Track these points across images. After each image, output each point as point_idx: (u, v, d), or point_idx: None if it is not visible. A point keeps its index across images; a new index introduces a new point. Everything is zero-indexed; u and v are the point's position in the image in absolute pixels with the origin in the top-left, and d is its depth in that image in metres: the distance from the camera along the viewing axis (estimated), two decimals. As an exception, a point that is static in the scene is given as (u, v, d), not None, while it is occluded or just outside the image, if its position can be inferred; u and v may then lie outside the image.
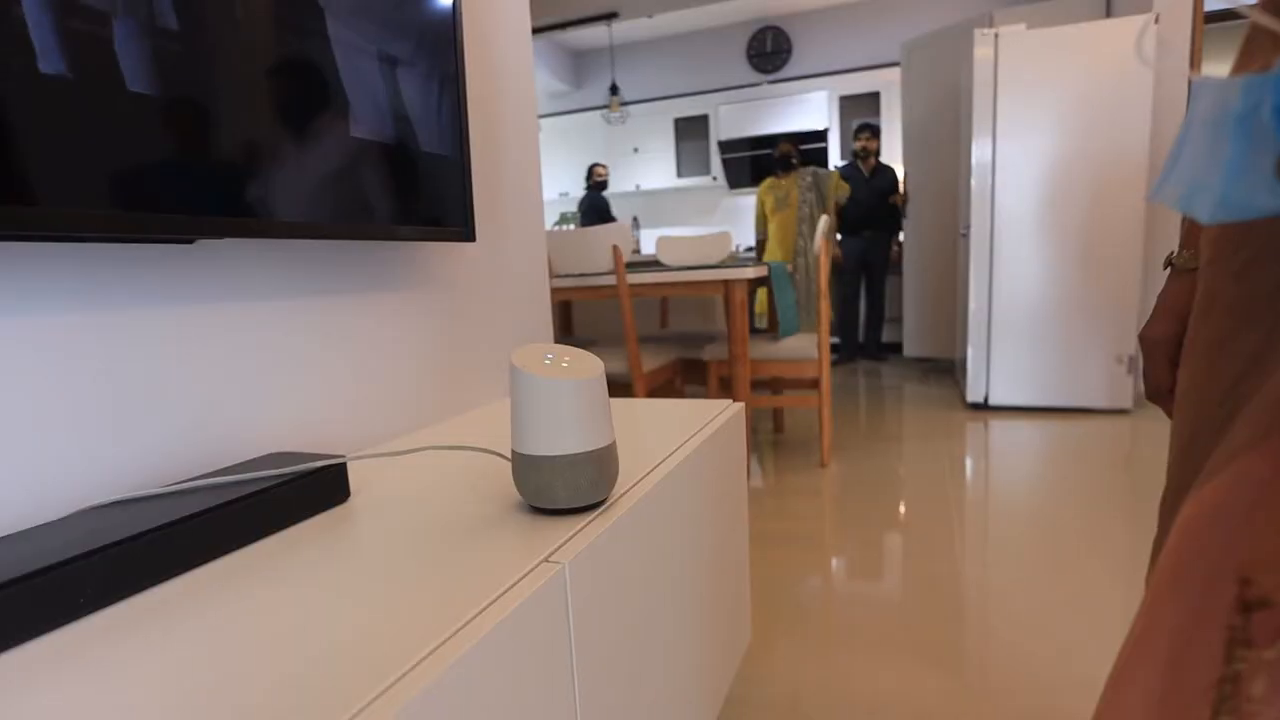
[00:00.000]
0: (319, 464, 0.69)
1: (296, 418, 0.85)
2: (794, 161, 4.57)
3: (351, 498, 0.73)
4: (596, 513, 0.65)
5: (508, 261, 1.29)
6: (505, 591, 0.50)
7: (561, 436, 0.61)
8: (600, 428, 0.63)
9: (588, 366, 0.64)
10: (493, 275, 1.24)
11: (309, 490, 0.68)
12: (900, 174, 4.93)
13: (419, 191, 0.89)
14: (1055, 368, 3.39)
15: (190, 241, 0.71)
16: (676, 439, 0.89)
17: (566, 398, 0.61)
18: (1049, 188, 3.28)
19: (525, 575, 0.53)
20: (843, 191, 4.55)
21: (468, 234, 0.98)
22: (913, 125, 4.61)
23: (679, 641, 0.79)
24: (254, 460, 0.73)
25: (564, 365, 0.63)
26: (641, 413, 1.06)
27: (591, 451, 0.62)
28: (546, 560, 0.55)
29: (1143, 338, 0.68)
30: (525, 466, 0.63)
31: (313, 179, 0.75)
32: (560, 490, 0.62)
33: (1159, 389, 0.67)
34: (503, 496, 0.71)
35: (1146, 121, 3.11)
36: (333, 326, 0.89)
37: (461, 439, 0.94)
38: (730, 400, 1.10)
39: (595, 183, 5.87)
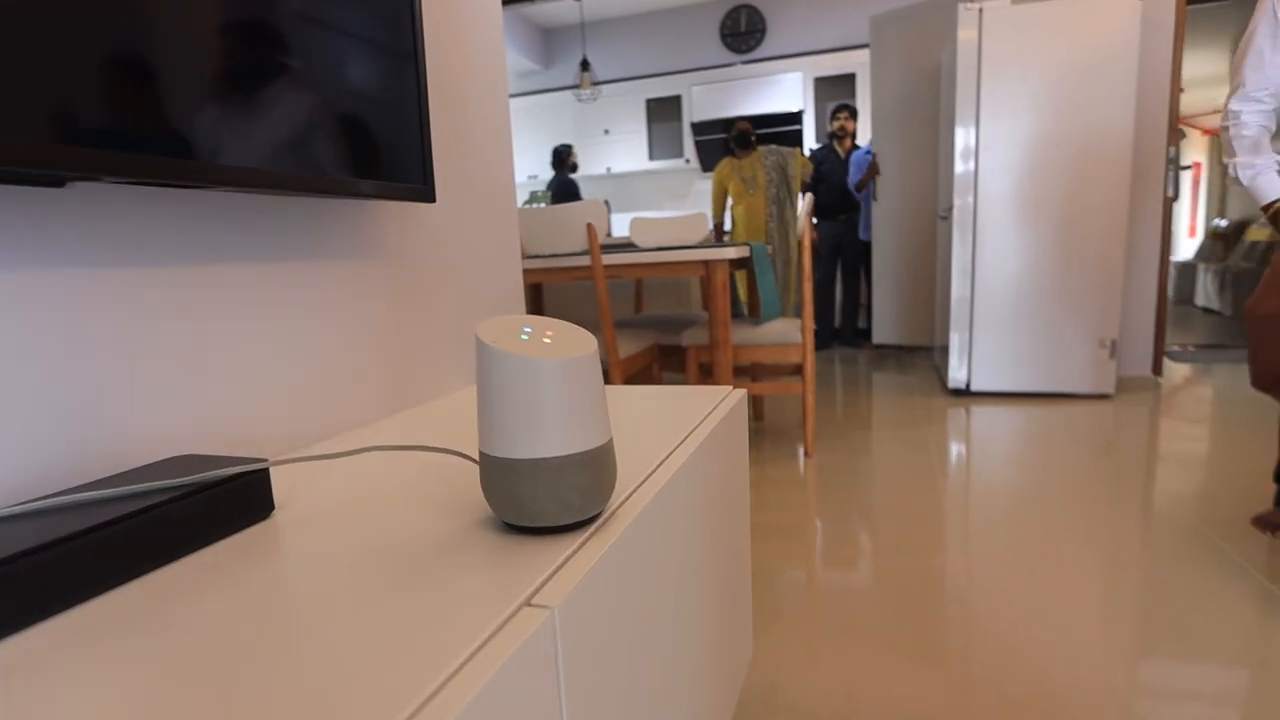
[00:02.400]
0: (232, 470, 0.54)
1: (211, 411, 0.69)
2: (753, 140, 4.45)
3: (276, 513, 0.58)
4: (591, 531, 0.51)
5: (476, 230, 1.13)
6: (473, 655, 0.36)
7: (545, 434, 0.47)
8: (594, 421, 0.49)
9: (576, 342, 0.50)
10: (458, 244, 1.09)
11: (218, 505, 0.53)
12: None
13: (369, 140, 0.74)
14: (1037, 353, 3.32)
15: (60, 184, 0.55)
16: (676, 434, 0.75)
17: (550, 383, 0.46)
18: (1033, 169, 3.20)
19: (500, 628, 0.38)
20: (807, 170, 4.43)
21: (427, 193, 0.83)
22: (882, 103, 4.49)
23: (685, 672, 0.65)
24: (150, 467, 0.57)
25: (545, 341, 0.49)
26: (630, 402, 0.92)
27: (585, 453, 0.48)
28: (529, 604, 0.41)
29: (1250, 313, 0.56)
30: (498, 473, 0.49)
31: (231, 112, 0.60)
32: (544, 504, 0.48)
33: (1272, 373, 0.55)
34: (469, 509, 0.57)
35: (1131, 101, 3.05)
36: (259, 299, 0.74)
37: (418, 436, 0.79)
38: (730, 387, 0.96)
39: (571, 164, 5.65)
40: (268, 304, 0.75)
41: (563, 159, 5.56)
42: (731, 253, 2.26)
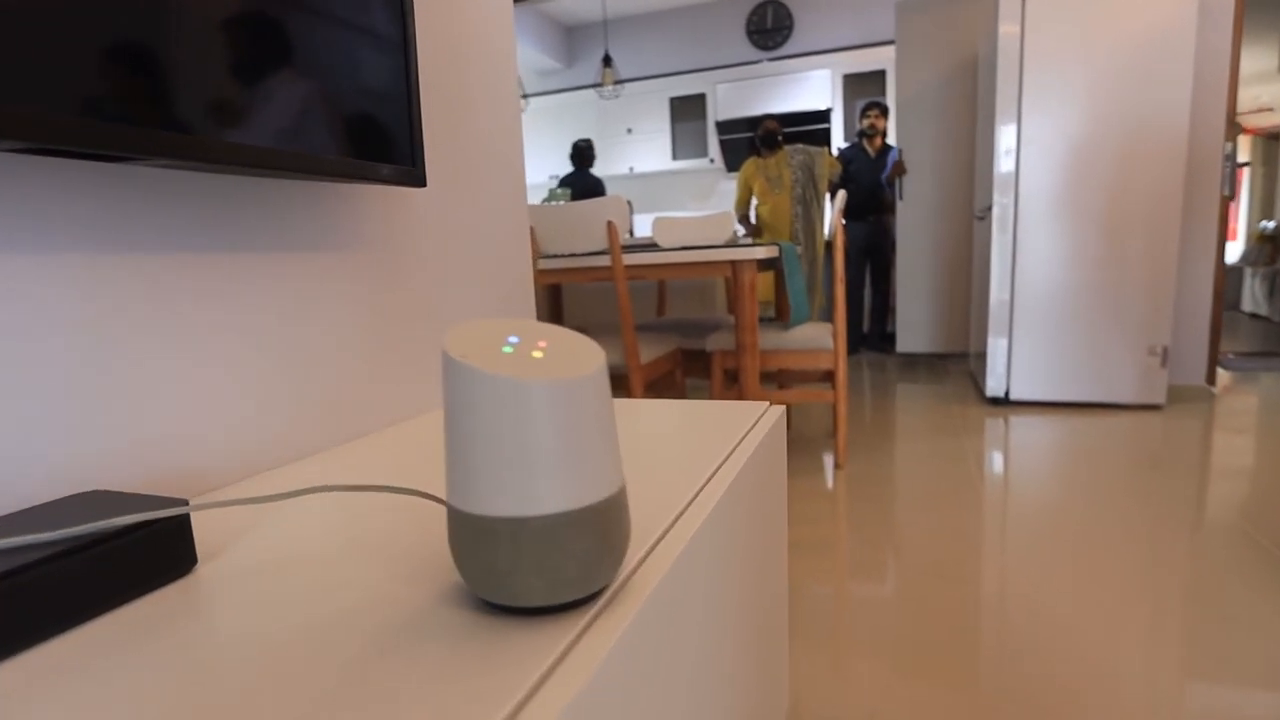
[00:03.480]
0: (138, 518, 0.42)
1: (136, 434, 0.57)
2: (780, 139, 4.31)
3: (199, 568, 0.46)
4: (595, 610, 0.38)
5: (478, 221, 1.01)
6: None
7: (533, 484, 0.34)
8: (602, 465, 0.36)
9: (577, 355, 0.37)
10: (455, 237, 0.97)
11: (123, 559, 0.41)
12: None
13: (345, 113, 0.62)
14: (1082, 360, 3.14)
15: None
16: (703, 465, 0.62)
17: (541, 414, 0.34)
18: (1078, 166, 3.02)
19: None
20: (835, 171, 4.27)
21: (415, 176, 0.71)
22: (910, 98, 4.29)
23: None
24: (45, 508, 0.46)
25: (536, 355, 0.36)
26: (648, 421, 0.79)
27: (587, 509, 0.36)
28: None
29: None
30: (469, 535, 0.36)
31: (175, 71, 0.48)
32: (531, 578, 0.36)
33: None
34: (438, 572, 0.44)
35: (1186, 94, 2.86)
36: (198, 298, 0.62)
37: (392, 463, 0.67)
38: (766, 403, 0.83)
39: (592, 159, 5.36)
40: (213, 304, 0.63)
41: (584, 155, 5.19)
42: (760, 253, 2.12)
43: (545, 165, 6.53)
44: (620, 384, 2.71)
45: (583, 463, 0.35)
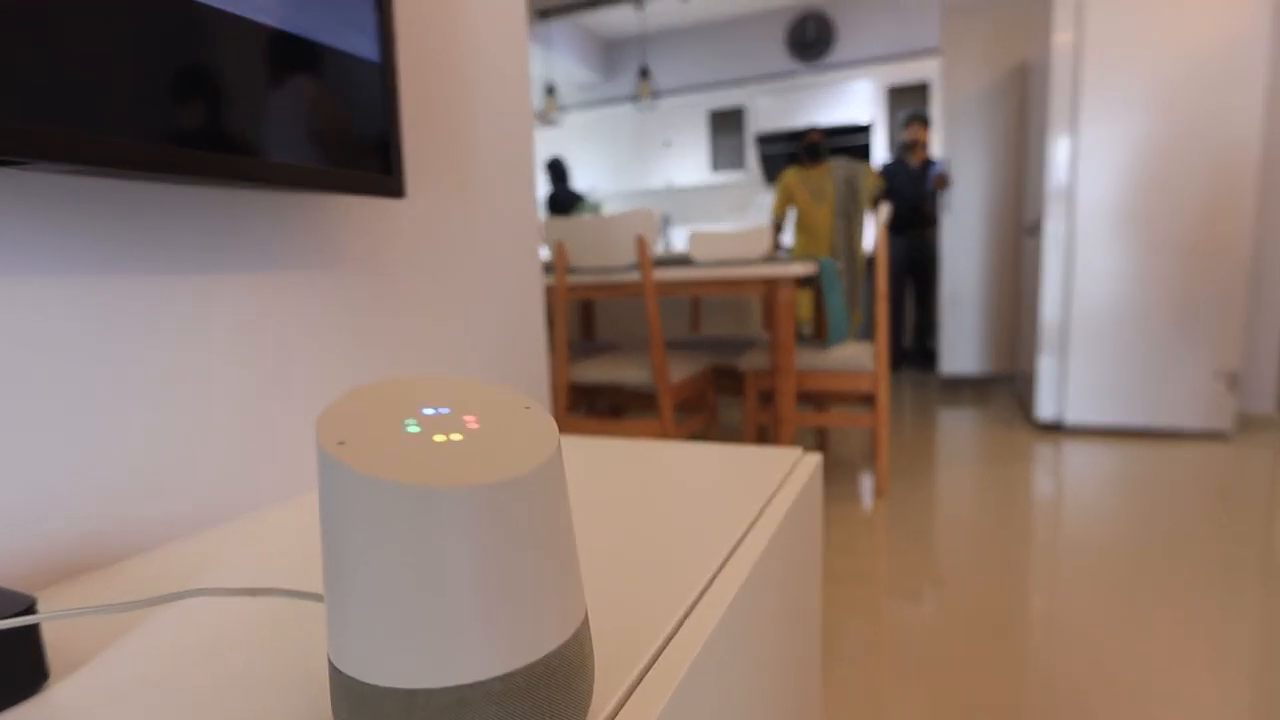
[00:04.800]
0: None
1: (9, 497, 0.50)
2: (824, 151, 4.19)
3: (49, 687, 0.37)
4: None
5: (477, 238, 0.94)
6: None
7: (438, 641, 0.24)
8: (549, 604, 0.26)
9: (520, 439, 0.27)
10: (450, 255, 0.89)
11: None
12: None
13: (304, 111, 0.55)
14: (1142, 384, 2.96)
15: None
16: (724, 535, 0.53)
17: (453, 536, 0.23)
18: (1139, 179, 2.86)
19: None
20: (878, 187, 4.14)
21: (390, 185, 0.63)
22: (955, 107, 4.13)
23: None
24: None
25: (454, 439, 0.26)
26: (662, 471, 0.71)
27: (523, 673, 0.25)
28: None
29: None
30: (351, 703, 0.25)
31: (79, 52, 0.42)
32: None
33: None
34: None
35: (1259, 102, 2.68)
36: (98, 328, 0.55)
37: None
38: (799, 450, 0.74)
39: (565, 173, 5.23)
40: (117, 335, 0.56)
41: (559, 171, 5.11)
42: (798, 270, 2.02)
43: (582, 179, 6.50)
44: (649, 403, 2.62)
45: (517, 605, 0.25)
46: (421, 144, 0.81)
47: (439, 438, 0.26)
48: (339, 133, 0.58)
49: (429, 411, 0.28)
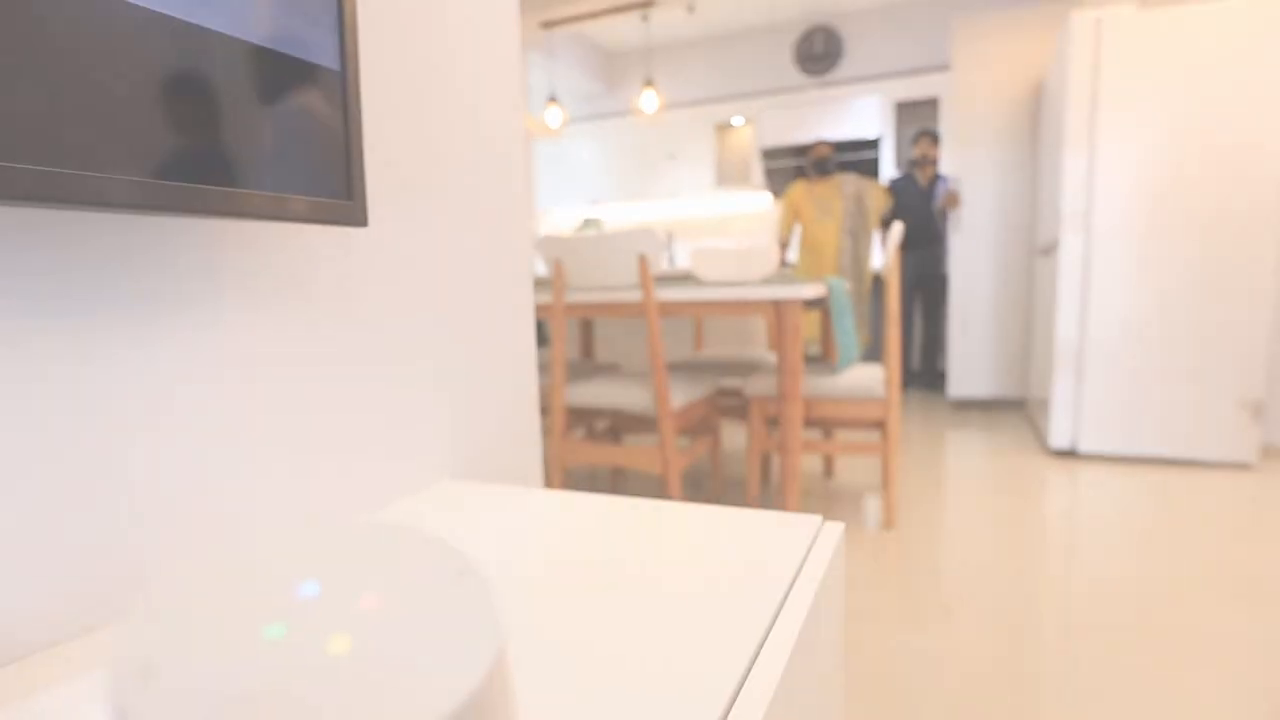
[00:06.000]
0: None
1: None
2: (832, 166, 4.12)
3: None
4: None
5: (460, 269, 0.85)
6: None
7: None
8: None
9: (426, 648, 0.17)
10: (417, 284, 0.80)
11: None
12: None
13: (234, 118, 0.46)
14: (1160, 411, 2.86)
15: None
16: (742, 634, 0.44)
17: None
18: (1159, 198, 2.77)
19: None
20: (886, 205, 4.07)
21: (351, 211, 0.54)
22: (963, 124, 4.04)
23: None
24: None
25: (334, 647, 0.16)
26: (662, 544, 0.61)
27: None
28: None
29: None
30: None
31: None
32: None
33: None
34: None
35: (1284, 121, 2.60)
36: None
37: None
38: (819, 518, 0.64)
39: None
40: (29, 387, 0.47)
41: None
42: (807, 292, 1.93)
43: (584, 190, 6.42)
44: (651, 424, 2.53)
45: None
46: (393, 161, 0.72)
47: (333, 646, 0.17)
48: (287, 151, 0.49)
49: (308, 591, 0.18)
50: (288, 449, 0.62)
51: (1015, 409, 4.13)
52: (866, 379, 2.22)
